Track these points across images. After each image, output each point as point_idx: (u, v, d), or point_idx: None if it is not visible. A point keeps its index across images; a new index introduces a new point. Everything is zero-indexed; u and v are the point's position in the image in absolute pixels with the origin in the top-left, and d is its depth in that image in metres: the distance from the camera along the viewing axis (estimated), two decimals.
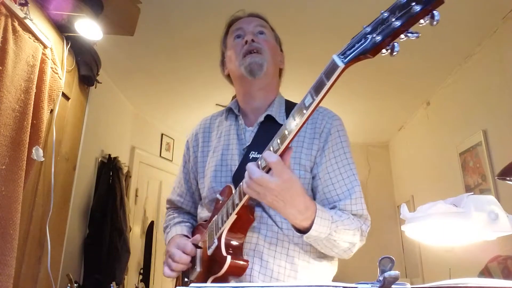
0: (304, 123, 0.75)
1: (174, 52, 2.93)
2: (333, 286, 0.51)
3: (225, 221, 0.94)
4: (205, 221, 1.11)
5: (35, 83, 1.65)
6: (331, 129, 1.06)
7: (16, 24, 1.55)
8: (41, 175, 1.80)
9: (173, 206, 1.30)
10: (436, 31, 2.66)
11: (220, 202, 1.02)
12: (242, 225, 0.96)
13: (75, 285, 2.19)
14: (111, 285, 1.69)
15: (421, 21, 0.57)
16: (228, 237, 0.94)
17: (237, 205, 0.90)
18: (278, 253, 0.97)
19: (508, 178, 1.03)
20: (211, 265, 0.96)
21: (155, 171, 4.20)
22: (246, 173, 0.83)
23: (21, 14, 1.57)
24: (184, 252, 1.01)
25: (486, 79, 2.75)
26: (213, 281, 0.94)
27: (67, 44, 2.01)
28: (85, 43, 2.12)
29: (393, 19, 0.59)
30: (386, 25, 0.60)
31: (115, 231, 2.93)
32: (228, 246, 0.93)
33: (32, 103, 1.63)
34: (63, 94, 1.97)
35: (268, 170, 0.81)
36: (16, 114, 1.52)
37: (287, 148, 0.80)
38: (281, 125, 1.04)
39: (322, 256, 1.02)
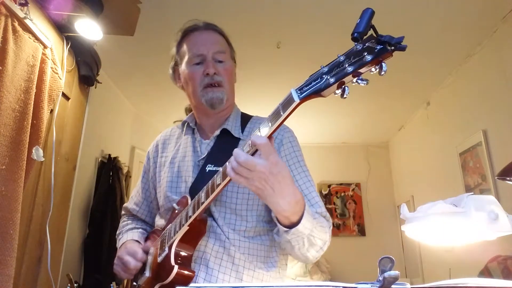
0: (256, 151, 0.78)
1: None
2: (333, 286, 0.51)
3: (177, 231, 0.96)
4: (161, 228, 1.13)
5: (35, 83, 1.65)
6: (283, 140, 1.10)
7: (16, 24, 1.55)
8: (41, 175, 1.80)
9: (128, 213, 1.33)
10: (436, 31, 2.66)
11: (176, 211, 1.05)
12: (193, 237, 0.98)
13: (75, 285, 2.19)
14: (111, 285, 1.69)
15: (372, 69, 0.62)
16: (178, 248, 0.96)
17: (190, 217, 0.93)
18: (224, 261, 1.00)
19: (508, 178, 1.03)
20: (160, 272, 0.98)
21: None
22: (231, 159, 0.80)
23: (21, 14, 1.57)
24: (135, 259, 1.05)
25: (486, 79, 2.75)
26: None
27: (67, 44, 2.01)
28: (85, 43, 2.12)
29: (347, 64, 0.64)
30: (340, 69, 0.65)
31: (115, 231, 2.91)
32: (177, 255, 0.95)
33: (32, 103, 1.63)
34: (63, 94, 1.97)
35: (253, 153, 0.80)
36: (16, 114, 1.52)
37: (274, 132, 0.80)
38: (237, 138, 1.08)
39: (268, 265, 1.04)
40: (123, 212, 1.35)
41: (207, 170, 1.06)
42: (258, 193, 0.81)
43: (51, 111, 1.86)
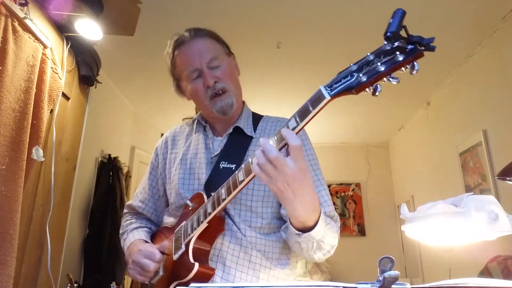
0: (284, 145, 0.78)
1: None
2: (333, 286, 0.51)
3: (195, 228, 0.95)
4: (171, 226, 1.12)
5: (35, 83, 1.65)
6: None
7: (16, 24, 1.55)
8: (41, 175, 1.80)
9: (132, 211, 1.28)
10: (436, 31, 2.66)
11: (190, 208, 1.03)
12: (211, 234, 0.97)
13: (75, 285, 2.19)
14: (111, 285, 1.69)
15: (402, 68, 0.64)
16: (196, 244, 0.96)
17: (209, 214, 0.92)
18: (241, 259, 1.00)
19: (508, 178, 1.03)
20: (176, 270, 0.97)
21: None
22: (258, 153, 0.78)
23: (21, 14, 1.57)
24: (153, 261, 1.01)
25: (486, 79, 2.75)
26: (176, 286, 0.95)
27: (67, 44, 2.01)
28: (85, 43, 2.12)
29: (378, 63, 0.65)
30: (371, 67, 0.65)
31: (115, 231, 2.93)
32: (195, 252, 0.95)
33: (32, 103, 1.63)
34: (63, 94, 1.97)
35: (280, 149, 0.78)
36: (16, 114, 1.52)
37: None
38: (249, 136, 1.08)
39: (283, 263, 1.05)
40: (125, 211, 1.31)
41: (221, 167, 1.05)
42: (278, 195, 0.80)
43: (51, 111, 1.86)
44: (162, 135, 1.34)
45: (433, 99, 3.63)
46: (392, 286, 0.48)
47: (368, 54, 0.65)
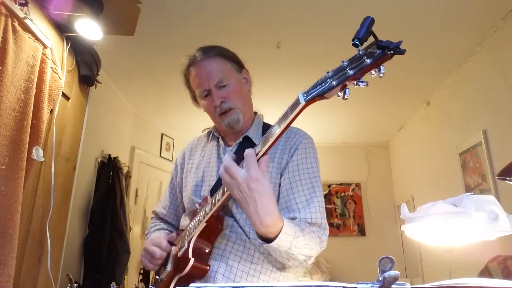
0: (269, 147, 0.85)
1: (174, 52, 2.93)
2: (333, 286, 0.51)
3: (196, 227, 1.04)
4: (183, 228, 1.21)
5: (35, 83, 1.65)
6: (299, 145, 1.15)
7: (16, 24, 1.55)
8: (41, 175, 1.80)
9: (156, 216, 1.42)
10: (436, 31, 2.66)
11: (198, 211, 1.12)
12: (210, 233, 1.05)
13: (75, 285, 2.19)
14: (111, 285, 1.69)
15: (373, 71, 0.67)
16: (197, 242, 1.03)
17: (207, 214, 1.00)
18: (243, 259, 1.05)
19: (508, 178, 1.03)
20: (179, 265, 1.05)
21: (155, 171, 4.20)
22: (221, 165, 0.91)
23: (21, 14, 1.57)
24: (160, 248, 1.12)
25: (486, 79, 2.75)
26: (178, 280, 1.02)
27: (67, 44, 2.01)
28: (85, 43, 2.12)
29: (348, 68, 0.69)
30: (342, 73, 0.70)
31: (115, 231, 2.93)
32: (195, 249, 1.02)
33: (32, 103, 1.63)
34: (63, 94, 1.97)
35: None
36: (16, 114, 1.52)
37: (267, 152, 0.86)
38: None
39: (284, 266, 1.08)
40: (152, 216, 1.45)
41: None
42: (238, 202, 0.87)
43: (51, 111, 1.86)
44: (162, 135, 1.40)
45: (433, 99, 3.63)
46: (392, 286, 0.48)
47: (343, 61, 0.71)
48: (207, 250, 1.05)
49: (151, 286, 1.16)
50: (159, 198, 4.51)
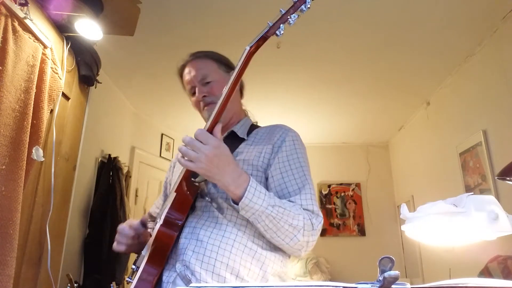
0: (226, 97, 0.98)
1: (174, 52, 2.92)
2: (333, 286, 0.51)
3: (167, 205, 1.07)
4: None
5: (35, 83, 1.65)
6: (286, 138, 1.17)
7: (16, 24, 1.55)
8: (41, 175, 1.80)
9: (151, 219, 1.41)
10: (436, 31, 2.66)
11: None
12: (181, 204, 1.05)
13: (75, 285, 2.19)
14: (111, 285, 1.69)
15: (303, 7, 0.99)
16: (168, 213, 1.04)
17: (176, 184, 1.05)
18: (214, 233, 1.04)
19: (508, 178, 1.03)
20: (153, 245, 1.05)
21: (155, 171, 4.20)
22: (180, 145, 0.96)
23: (21, 14, 1.57)
24: (129, 226, 1.13)
25: (486, 79, 2.75)
26: (149, 256, 1.02)
27: (67, 44, 2.01)
28: (85, 43, 2.12)
29: (283, 12, 0.98)
30: (278, 16, 0.93)
31: (115, 231, 2.91)
32: (166, 220, 1.03)
33: (32, 103, 1.63)
34: (63, 94, 1.97)
35: None
36: (16, 114, 1.52)
37: (215, 122, 0.96)
38: (241, 138, 1.23)
39: (265, 244, 1.06)
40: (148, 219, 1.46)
41: None
42: (207, 174, 0.94)
43: (51, 111, 1.86)
44: (162, 135, 1.42)
45: (433, 99, 3.63)
46: (392, 286, 0.48)
47: (281, 9, 0.96)
48: (179, 222, 1.05)
49: (127, 279, 1.13)
50: None
